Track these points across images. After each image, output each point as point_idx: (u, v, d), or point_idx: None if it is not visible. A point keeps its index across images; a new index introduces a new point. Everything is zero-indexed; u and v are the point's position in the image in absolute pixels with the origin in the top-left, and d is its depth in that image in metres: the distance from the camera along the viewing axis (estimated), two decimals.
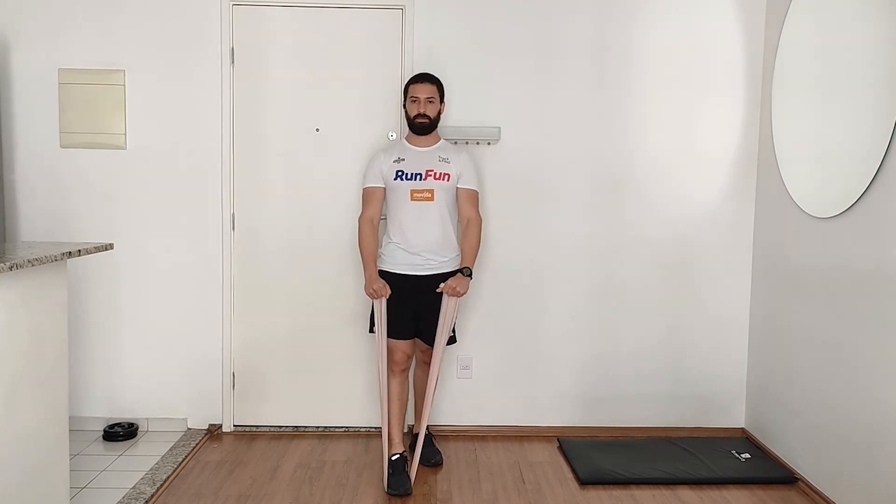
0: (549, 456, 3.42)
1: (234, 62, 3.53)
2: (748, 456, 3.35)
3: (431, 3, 3.52)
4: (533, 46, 3.55)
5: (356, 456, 3.38)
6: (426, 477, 3.15)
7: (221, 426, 3.66)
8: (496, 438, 3.63)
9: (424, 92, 3.08)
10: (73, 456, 3.24)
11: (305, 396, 3.67)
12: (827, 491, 2.93)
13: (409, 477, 3.03)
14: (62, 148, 3.52)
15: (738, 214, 3.63)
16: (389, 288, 3.03)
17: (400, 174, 3.06)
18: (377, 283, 3.03)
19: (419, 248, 3.05)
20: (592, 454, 3.34)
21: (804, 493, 3.05)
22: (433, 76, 3.16)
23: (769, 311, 3.46)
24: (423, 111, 3.07)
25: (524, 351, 3.66)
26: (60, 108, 3.50)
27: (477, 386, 3.67)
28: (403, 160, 3.09)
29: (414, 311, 3.09)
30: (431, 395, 3.13)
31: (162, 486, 3.01)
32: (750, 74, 3.57)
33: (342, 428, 3.69)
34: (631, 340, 3.66)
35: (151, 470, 3.16)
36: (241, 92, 3.55)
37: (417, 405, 3.38)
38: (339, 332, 3.63)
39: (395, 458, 3.05)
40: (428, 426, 3.36)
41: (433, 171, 3.06)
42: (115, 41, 3.50)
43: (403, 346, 3.11)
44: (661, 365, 3.67)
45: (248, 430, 3.67)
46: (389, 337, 3.09)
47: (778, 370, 3.35)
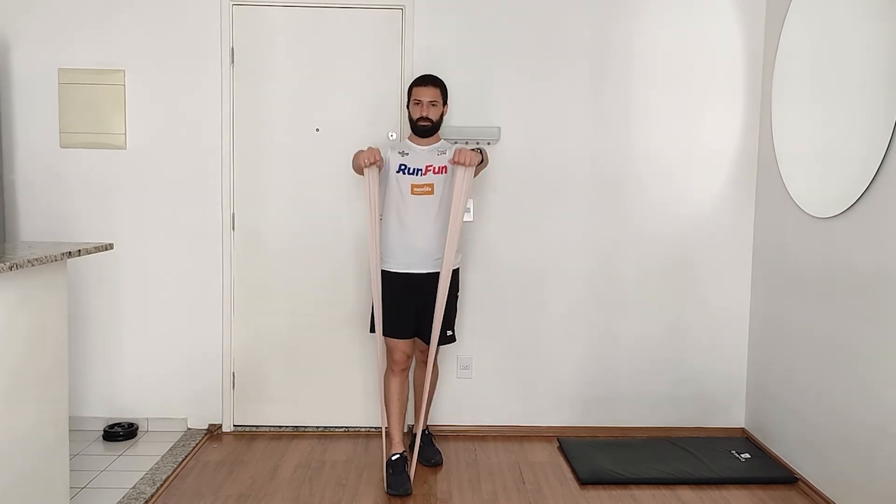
0: (549, 456, 3.42)
1: (234, 62, 3.54)
2: (748, 456, 3.35)
3: (431, 3, 3.52)
4: (533, 46, 3.55)
5: (356, 456, 3.38)
6: (426, 477, 3.15)
7: (221, 426, 3.66)
8: (496, 438, 3.63)
9: (428, 95, 3.09)
10: (73, 456, 3.24)
11: (305, 396, 3.67)
12: (827, 491, 2.93)
13: (408, 477, 3.03)
14: (62, 148, 3.52)
15: (738, 214, 3.63)
16: (380, 158, 2.95)
17: (403, 167, 3.07)
18: (369, 149, 2.94)
19: (419, 243, 3.05)
20: (592, 454, 3.35)
21: (804, 493, 3.05)
22: (437, 79, 3.16)
23: (769, 310, 3.46)
24: (425, 114, 3.08)
25: (524, 351, 3.66)
26: (60, 108, 3.50)
27: (477, 386, 3.67)
28: (407, 154, 3.11)
29: (414, 310, 3.09)
30: (430, 394, 3.13)
31: (162, 486, 3.01)
32: (750, 74, 3.57)
33: (342, 428, 3.69)
34: (631, 340, 3.67)
35: (151, 470, 3.16)
36: (240, 92, 3.55)
37: (417, 405, 3.38)
38: (339, 332, 3.63)
39: (395, 457, 3.06)
40: (428, 426, 3.37)
41: (432, 165, 3.08)
42: (115, 41, 3.51)
43: (403, 345, 3.11)
44: (661, 365, 3.67)
45: (248, 430, 3.67)
46: (389, 336, 3.09)
47: (778, 370, 3.35)
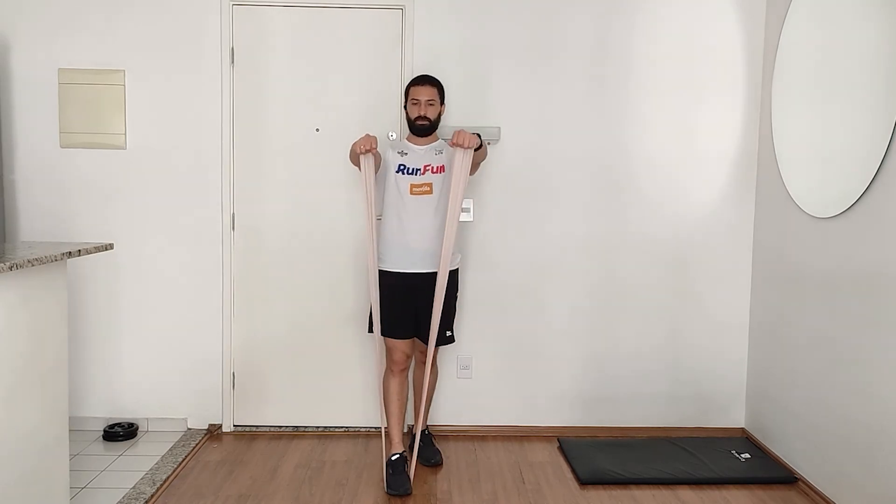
0: (549, 456, 3.42)
1: (234, 62, 3.54)
2: (748, 456, 3.35)
3: (431, 3, 3.52)
4: (533, 46, 3.55)
5: (356, 456, 3.38)
6: (426, 477, 3.15)
7: (221, 426, 3.66)
8: (496, 438, 3.63)
9: (425, 94, 3.09)
10: (73, 456, 3.24)
11: (305, 396, 3.66)
12: (827, 491, 2.93)
13: (408, 477, 3.03)
14: (62, 148, 3.52)
15: (738, 214, 3.63)
16: (376, 146, 2.90)
17: (402, 168, 3.08)
18: (365, 137, 2.91)
19: (418, 243, 3.05)
20: (592, 454, 3.35)
21: (804, 493, 3.05)
22: (434, 78, 3.16)
23: (769, 310, 3.46)
24: (423, 113, 3.09)
25: (524, 351, 3.66)
26: (60, 108, 3.50)
27: (477, 386, 3.67)
28: (406, 154, 3.11)
29: (414, 310, 3.09)
30: (430, 394, 3.13)
31: (162, 486, 3.01)
32: (750, 74, 3.57)
33: (342, 428, 3.69)
34: (631, 340, 3.67)
35: (151, 470, 3.16)
36: (240, 92, 3.55)
37: (416, 405, 3.38)
38: (339, 332, 3.63)
39: (394, 457, 3.06)
40: (428, 426, 3.36)
41: (430, 165, 3.09)
42: (115, 41, 3.51)
43: (403, 345, 3.11)
44: (661, 365, 3.67)
45: (248, 430, 3.67)
46: (389, 337, 3.09)
47: (778, 370, 3.35)
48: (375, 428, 3.64)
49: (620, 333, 3.67)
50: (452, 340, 3.23)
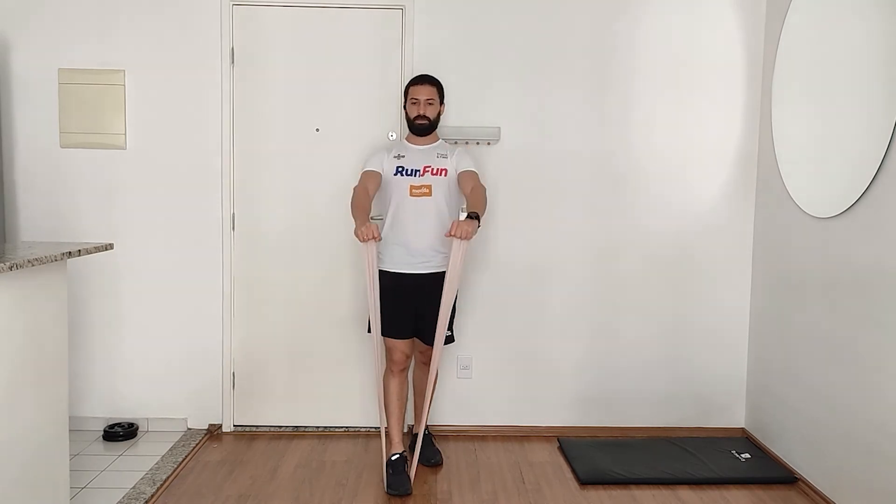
0: (549, 456, 3.42)
1: (234, 62, 3.54)
2: (748, 456, 3.35)
3: (431, 3, 3.52)
4: (533, 46, 3.55)
5: (356, 456, 3.38)
6: (426, 477, 3.15)
7: (221, 426, 3.66)
8: (496, 438, 3.63)
9: (424, 94, 3.10)
10: (73, 456, 3.24)
11: (305, 396, 3.66)
12: (827, 491, 2.93)
13: (408, 477, 3.03)
14: (62, 148, 3.52)
15: (738, 214, 3.63)
16: (378, 233, 2.86)
17: (400, 170, 3.08)
18: (366, 227, 2.84)
19: (418, 244, 3.05)
20: (592, 454, 3.34)
21: (804, 493, 3.05)
22: (433, 78, 3.17)
23: (769, 310, 3.46)
24: (422, 113, 3.09)
25: (524, 351, 3.66)
26: (60, 108, 3.50)
27: (477, 386, 3.67)
28: (404, 157, 3.12)
29: (413, 310, 3.09)
30: (431, 394, 3.13)
31: (162, 486, 3.01)
32: (750, 74, 3.57)
33: (342, 428, 3.69)
34: (631, 340, 3.66)
35: (151, 470, 3.16)
36: (241, 92, 3.55)
37: (417, 405, 3.38)
38: (338, 331, 3.63)
39: (394, 458, 3.06)
40: (428, 426, 3.36)
41: (430, 167, 3.08)
42: (115, 41, 3.51)
43: (402, 345, 3.11)
44: (661, 364, 3.67)
45: (248, 430, 3.67)
46: (389, 336, 3.09)
47: (778, 369, 3.35)
48: (375, 428, 3.64)
49: (620, 333, 3.66)
50: (452, 340, 3.23)
